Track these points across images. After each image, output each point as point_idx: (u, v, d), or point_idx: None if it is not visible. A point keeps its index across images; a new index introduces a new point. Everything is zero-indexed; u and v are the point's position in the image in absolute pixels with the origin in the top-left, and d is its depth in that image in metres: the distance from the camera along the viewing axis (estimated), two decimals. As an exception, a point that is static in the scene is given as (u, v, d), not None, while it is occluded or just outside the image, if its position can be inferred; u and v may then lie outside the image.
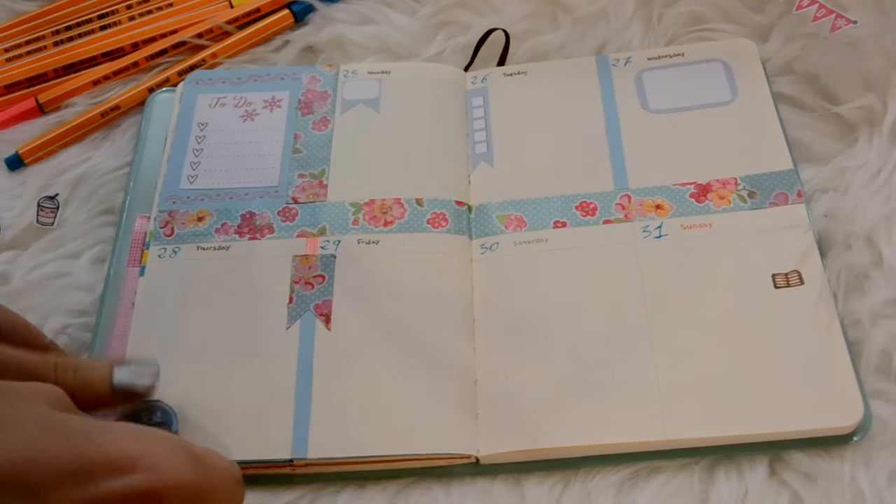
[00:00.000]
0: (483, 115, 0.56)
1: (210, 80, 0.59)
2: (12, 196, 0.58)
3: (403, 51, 0.62)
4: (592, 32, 0.60)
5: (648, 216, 0.50)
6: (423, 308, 0.48)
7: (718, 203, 0.50)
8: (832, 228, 0.50)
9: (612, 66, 0.57)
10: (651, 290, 0.48)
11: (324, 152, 0.55)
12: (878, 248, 0.49)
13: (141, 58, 0.63)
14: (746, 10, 0.60)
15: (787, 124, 0.54)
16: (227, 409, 0.46)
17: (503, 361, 0.47)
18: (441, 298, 0.49)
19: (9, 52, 0.64)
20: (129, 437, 0.34)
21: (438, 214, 0.52)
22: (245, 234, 0.52)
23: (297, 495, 0.46)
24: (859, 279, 0.49)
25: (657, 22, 0.60)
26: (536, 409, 0.45)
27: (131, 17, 0.65)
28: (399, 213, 0.52)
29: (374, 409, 0.46)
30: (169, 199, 0.54)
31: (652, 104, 0.55)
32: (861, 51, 0.56)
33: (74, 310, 0.53)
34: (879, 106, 0.54)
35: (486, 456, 0.45)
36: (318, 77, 0.58)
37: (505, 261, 0.50)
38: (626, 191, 0.52)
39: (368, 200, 0.52)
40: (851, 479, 0.43)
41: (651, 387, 0.45)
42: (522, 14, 0.61)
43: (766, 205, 0.50)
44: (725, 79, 0.55)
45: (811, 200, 0.51)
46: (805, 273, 0.47)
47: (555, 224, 0.51)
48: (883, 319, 0.47)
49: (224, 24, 0.64)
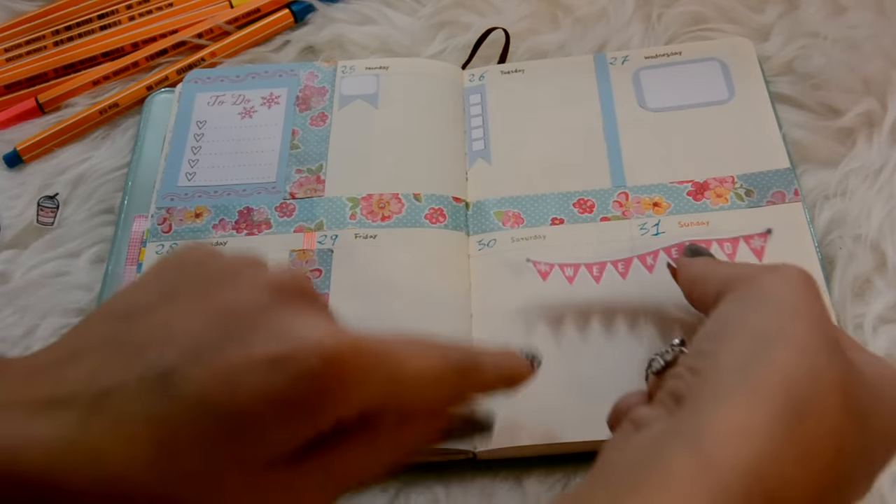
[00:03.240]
0: (480, 112, 0.56)
1: (209, 79, 0.59)
2: (12, 196, 0.58)
3: (403, 51, 0.62)
4: (592, 32, 0.60)
5: (646, 213, 0.50)
6: (421, 303, 0.48)
7: (716, 201, 0.50)
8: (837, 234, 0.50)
9: (610, 64, 0.57)
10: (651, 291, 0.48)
11: (321, 148, 0.55)
12: (883, 251, 0.49)
13: (141, 58, 0.63)
14: (746, 10, 0.60)
15: (787, 124, 0.54)
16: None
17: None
18: (438, 294, 0.49)
19: (9, 52, 0.64)
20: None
21: (436, 210, 0.52)
22: (243, 229, 0.52)
23: (296, 495, 0.46)
24: (862, 284, 0.49)
25: (657, 21, 0.60)
26: (534, 405, 0.45)
27: (131, 17, 0.65)
28: (397, 208, 0.52)
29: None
30: (167, 196, 0.54)
31: (649, 102, 0.55)
32: (861, 51, 0.56)
33: (73, 309, 0.53)
34: (879, 106, 0.54)
35: (483, 451, 0.44)
36: (316, 73, 0.58)
37: (502, 257, 0.50)
38: (623, 188, 0.52)
39: (366, 195, 0.52)
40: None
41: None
42: (522, 14, 0.62)
43: (763, 203, 0.50)
44: (723, 78, 0.55)
45: (815, 207, 0.51)
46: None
47: (552, 221, 0.51)
48: (886, 325, 0.47)
49: (224, 24, 0.64)
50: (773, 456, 0.29)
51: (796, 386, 0.30)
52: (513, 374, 0.38)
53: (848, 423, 0.31)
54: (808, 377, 0.30)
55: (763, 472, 0.29)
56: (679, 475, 0.28)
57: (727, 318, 0.34)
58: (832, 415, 0.30)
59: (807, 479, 0.29)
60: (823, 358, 0.31)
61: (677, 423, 0.31)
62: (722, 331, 0.33)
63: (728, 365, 0.31)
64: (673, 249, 0.48)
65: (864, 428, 0.32)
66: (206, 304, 0.32)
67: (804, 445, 0.29)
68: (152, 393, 0.30)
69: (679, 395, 0.32)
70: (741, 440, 0.29)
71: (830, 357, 0.31)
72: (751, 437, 0.29)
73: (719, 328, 0.34)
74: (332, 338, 0.31)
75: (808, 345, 0.31)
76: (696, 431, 0.30)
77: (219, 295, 0.32)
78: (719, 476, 0.28)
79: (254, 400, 0.29)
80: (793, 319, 0.32)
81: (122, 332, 0.32)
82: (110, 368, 0.31)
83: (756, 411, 0.29)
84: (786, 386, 0.30)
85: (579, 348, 0.46)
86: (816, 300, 0.34)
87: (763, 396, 0.30)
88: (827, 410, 0.30)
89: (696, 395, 0.31)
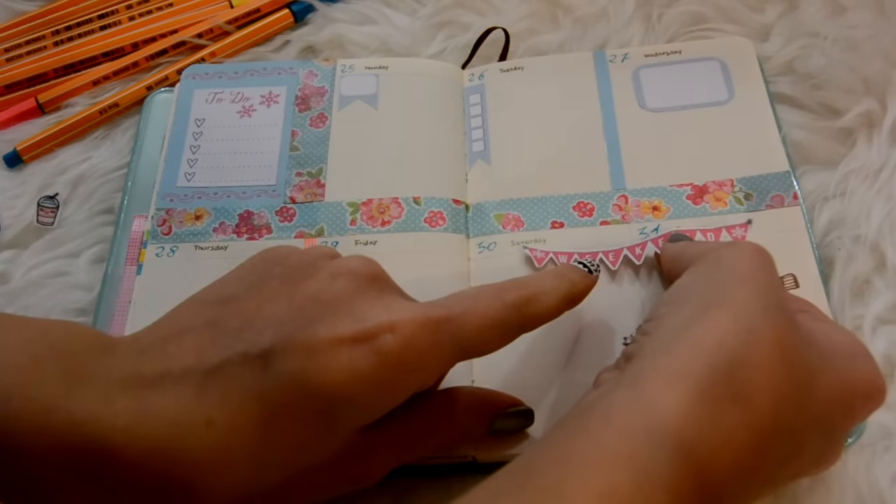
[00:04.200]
0: (480, 112, 0.56)
1: (207, 75, 0.59)
2: (12, 196, 0.58)
3: (403, 51, 0.62)
4: (592, 32, 0.60)
5: (645, 218, 0.50)
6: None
7: (715, 205, 0.50)
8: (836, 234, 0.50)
9: (610, 62, 0.57)
10: (649, 293, 0.48)
11: (321, 150, 0.55)
12: (882, 251, 0.49)
13: (141, 58, 0.63)
14: (746, 9, 0.60)
15: (787, 125, 0.54)
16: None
17: (500, 361, 0.47)
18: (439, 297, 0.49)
19: (9, 52, 0.64)
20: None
21: (436, 213, 0.52)
22: (243, 233, 0.52)
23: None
24: (861, 285, 0.49)
25: (657, 21, 0.60)
26: (534, 409, 0.45)
27: (131, 17, 0.65)
28: (396, 213, 0.52)
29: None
30: (166, 196, 0.54)
31: (649, 102, 0.55)
32: (861, 51, 0.56)
33: (73, 308, 0.53)
34: (879, 106, 0.54)
35: (482, 455, 0.44)
36: (316, 72, 0.58)
37: (502, 261, 0.50)
38: (623, 191, 0.52)
39: (366, 200, 0.52)
40: (853, 484, 0.43)
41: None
42: (522, 14, 0.61)
43: (762, 207, 0.50)
44: (722, 78, 0.55)
45: (814, 209, 0.51)
46: (800, 276, 0.47)
47: (552, 224, 0.51)
48: (885, 326, 0.47)
49: (224, 24, 0.64)
50: (706, 398, 0.31)
51: (730, 342, 0.33)
52: (573, 290, 0.41)
53: (788, 379, 0.33)
54: (743, 335, 0.33)
55: (697, 412, 0.31)
56: (617, 416, 0.31)
57: (681, 286, 0.37)
58: (767, 368, 0.33)
59: (741, 420, 0.32)
60: (760, 319, 0.33)
61: (622, 375, 0.34)
62: (674, 298, 0.37)
63: (671, 324, 0.34)
64: (660, 240, 0.48)
65: (809, 385, 0.34)
66: (292, 292, 0.36)
67: (737, 391, 0.32)
68: (255, 370, 0.34)
69: (630, 355, 0.36)
70: (677, 384, 0.32)
71: (768, 319, 0.34)
72: (684, 382, 0.32)
73: (673, 296, 0.37)
74: (404, 315, 0.35)
75: (747, 307, 0.34)
76: (636, 378, 0.33)
77: (303, 285, 0.36)
78: (656, 413, 0.31)
79: (342, 377, 0.33)
80: (736, 285, 0.35)
81: (219, 316, 0.36)
82: (215, 347, 0.35)
83: (691, 361, 0.32)
84: (720, 341, 0.33)
85: (579, 354, 0.46)
86: (764, 268, 0.37)
87: (698, 349, 0.33)
88: (762, 364, 0.33)
89: (642, 352, 0.34)
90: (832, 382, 0.35)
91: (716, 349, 0.32)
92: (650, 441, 0.30)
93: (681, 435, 0.31)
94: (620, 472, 0.30)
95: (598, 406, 0.32)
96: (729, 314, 0.34)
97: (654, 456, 0.30)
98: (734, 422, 0.32)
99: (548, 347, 0.47)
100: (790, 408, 0.33)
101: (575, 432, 0.32)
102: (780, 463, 0.34)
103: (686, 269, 0.39)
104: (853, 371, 0.36)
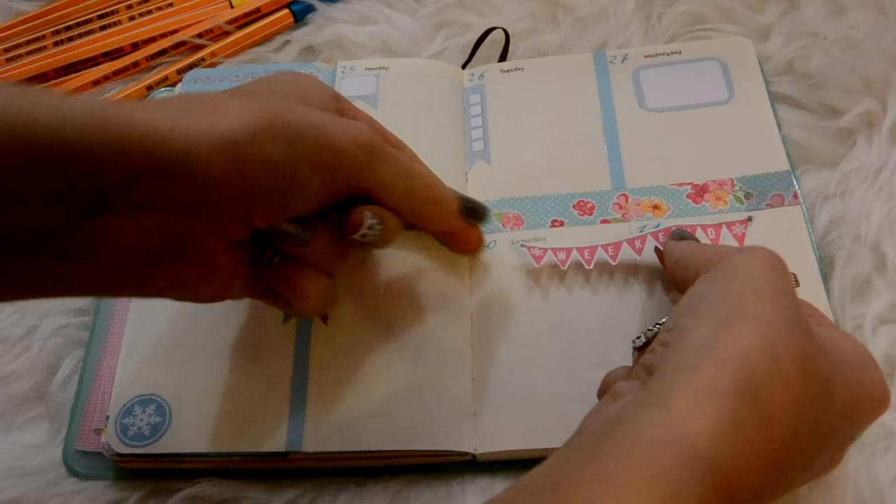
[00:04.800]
0: (480, 112, 0.56)
1: (208, 79, 0.59)
2: (12, 195, 0.58)
3: (404, 50, 0.62)
4: (592, 32, 0.60)
5: (645, 216, 0.50)
6: (421, 305, 0.48)
7: (715, 204, 0.50)
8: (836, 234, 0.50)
9: (610, 62, 0.57)
10: (649, 291, 0.48)
11: (322, 151, 0.55)
12: (882, 251, 0.49)
13: (141, 58, 0.63)
14: (746, 10, 0.60)
15: (787, 125, 0.54)
16: (223, 402, 0.46)
17: (500, 359, 0.47)
18: (438, 296, 0.49)
19: (9, 52, 0.64)
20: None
21: (436, 212, 0.51)
22: (243, 233, 0.52)
23: (298, 493, 0.46)
24: (861, 285, 0.49)
25: (657, 21, 0.60)
26: (534, 407, 0.45)
27: (131, 17, 0.65)
28: (396, 212, 0.52)
29: (370, 405, 0.46)
30: (167, 197, 0.54)
31: (649, 102, 0.55)
32: (861, 51, 0.56)
33: (73, 308, 0.53)
34: (879, 106, 0.54)
35: (483, 454, 0.45)
36: (316, 73, 0.58)
37: (503, 259, 0.50)
38: (623, 190, 0.52)
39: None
40: (853, 484, 0.43)
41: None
42: (522, 14, 0.61)
43: (762, 206, 0.50)
44: (722, 78, 0.55)
45: (814, 209, 0.51)
46: (800, 276, 0.47)
47: (552, 223, 0.51)
48: (885, 325, 0.47)
49: (224, 24, 0.64)
50: (734, 418, 0.31)
51: (756, 357, 0.32)
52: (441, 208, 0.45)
53: (807, 393, 0.33)
54: (768, 349, 0.33)
55: (725, 433, 0.31)
56: (647, 436, 0.31)
57: (698, 295, 0.37)
58: (791, 384, 0.32)
59: (766, 439, 0.32)
60: (783, 332, 0.33)
61: (647, 390, 0.33)
62: (692, 307, 0.36)
63: (695, 338, 0.34)
64: (661, 234, 0.48)
65: (826, 399, 0.34)
66: (296, 92, 0.41)
67: (763, 410, 0.32)
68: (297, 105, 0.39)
69: (651, 367, 0.35)
70: (704, 404, 0.31)
71: (791, 332, 0.33)
72: (713, 401, 0.31)
73: (690, 305, 0.36)
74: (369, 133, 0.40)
75: (769, 320, 0.33)
76: (663, 396, 0.32)
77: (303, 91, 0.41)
78: (684, 436, 0.31)
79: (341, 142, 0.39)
80: (757, 296, 0.35)
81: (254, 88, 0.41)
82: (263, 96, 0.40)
83: (718, 379, 0.32)
84: (746, 357, 0.32)
85: (579, 352, 0.46)
86: (782, 278, 0.36)
87: (725, 365, 0.32)
88: (786, 380, 0.32)
89: (665, 366, 0.34)
90: (845, 394, 0.35)
91: (741, 365, 0.32)
92: (680, 462, 0.30)
93: (711, 456, 0.30)
94: (651, 493, 0.29)
95: (626, 425, 0.32)
96: (752, 327, 0.33)
97: (685, 477, 0.30)
98: (759, 441, 0.32)
99: (548, 345, 0.47)
100: (809, 424, 0.33)
101: (604, 452, 0.31)
102: (795, 476, 0.35)
103: (697, 275, 0.38)
104: (863, 381, 0.36)
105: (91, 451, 0.48)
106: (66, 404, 0.50)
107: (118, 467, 0.47)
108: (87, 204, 0.34)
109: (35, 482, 0.48)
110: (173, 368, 0.48)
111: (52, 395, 0.50)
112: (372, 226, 0.41)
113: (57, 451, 0.48)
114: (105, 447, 0.46)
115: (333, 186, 0.39)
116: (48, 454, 0.49)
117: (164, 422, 0.46)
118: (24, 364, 0.52)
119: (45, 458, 0.48)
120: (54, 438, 0.49)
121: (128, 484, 0.47)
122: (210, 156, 0.35)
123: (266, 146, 0.36)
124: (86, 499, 0.47)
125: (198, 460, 0.46)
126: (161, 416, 0.46)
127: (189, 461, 0.46)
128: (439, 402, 0.46)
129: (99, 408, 0.48)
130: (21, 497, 0.47)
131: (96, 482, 0.47)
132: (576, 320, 0.47)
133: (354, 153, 0.39)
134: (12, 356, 0.52)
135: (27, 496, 0.47)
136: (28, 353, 0.52)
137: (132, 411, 0.46)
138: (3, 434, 0.50)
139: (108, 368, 0.49)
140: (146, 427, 0.46)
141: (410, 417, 0.45)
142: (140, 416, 0.46)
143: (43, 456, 0.49)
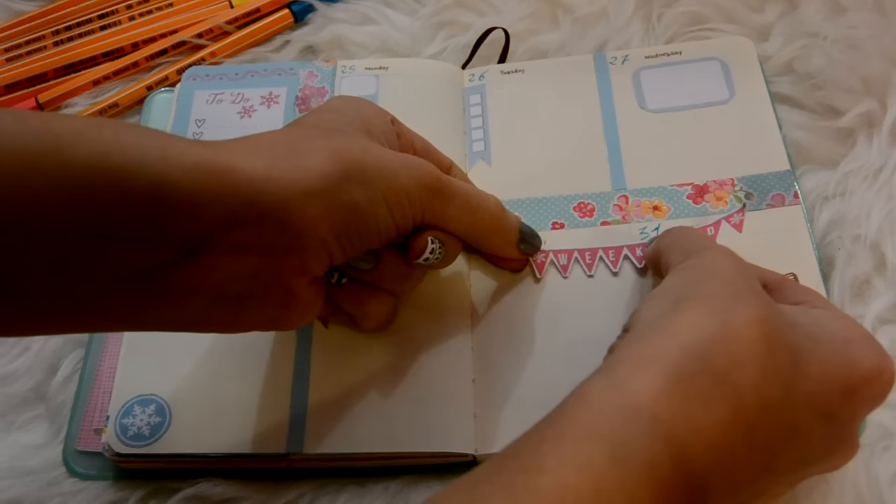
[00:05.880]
0: (480, 112, 0.56)
1: (207, 76, 0.59)
2: (12, 195, 0.58)
3: (404, 50, 0.62)
4: (592, 32, 0.60)
5: (646, 217, 0.50)
6: (421, 306, 0.48)
7: (715, 204, 0.50)
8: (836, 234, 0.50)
9: (610, 63, 0.57)
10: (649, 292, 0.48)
11: (321, 151, 0.55)
12: (882, 251, 0.49)
13: (141, 58, 0.63)
14: (746, 10, 0.60)
15: (787, 125, 0.54)
16: (223, 403, 0.46)
17: (501, 360, 0.47)
18: (439, 297, 0.49)
19: (9, 52, 0.64)
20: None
21: (436, 213, 0.51)
22: (243, 233, 0.52)
23: (298, 493, 0.46)
24: (861, 285, 0.49)
25: (657, 22, 0.60)
26: (534, 409, 0.44)
27: (131, 17, 0.65)
28: (396, 213, 0.52)
29: (370, 406, 0.46)
30: (167, 197, 0.54)
31: (650, 103, 0.55)
32: (861, 51, 0.56)
33: (73, 308, 0.53)
34: (879, 106, 0.54)
35: (483, 455, 0.44)
36: (316, 73, 0.58)
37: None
38: (623, 191, 0.52)
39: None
40: (853, 483, 0.43)
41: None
42: (522, 14, 0.61)
43: (762, 206, 0.50)
44: (723, 77, 0.55)
45: (815, 209, 0.51)
46: (800, 275, 0.47)
47: (553, 225, 0.51)
48: (885, 325, 0.47)
49: (224, 24, 0.64)
50: (679, 377, 0.33)
51: (703, 323, 0.34)
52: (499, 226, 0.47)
53: (769, 353, 0.34)
54: (717, 316, 0.35)
55: (669, 390, 0.33)
56: (592, 396, 0.33)
57: (660, 287, 0.39)
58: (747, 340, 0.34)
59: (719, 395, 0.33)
60: (733, 302, 0.35)
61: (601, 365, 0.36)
62: (652, 296, 0.39)
63: (647, 316, 0.37)
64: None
65: (795, 361, 0.35)
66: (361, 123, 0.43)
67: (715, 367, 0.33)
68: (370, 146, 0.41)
69: (611, 349, 0.38)
70: (648, 367, 0.33)
71: (742, 302, 0.35)
72: (657, 363, 0.33)
73: (651, 295, 0.39)
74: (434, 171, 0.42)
75: (717, 296, 0.36)
76: (611, 363, 0.35)
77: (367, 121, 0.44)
78: (626, 393, 0.33)
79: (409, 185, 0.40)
80: (706, 279, 0.38)
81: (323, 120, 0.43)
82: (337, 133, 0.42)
83: (664, 345, 0.34)
84: (693, 324, 0.34)
85: (580, 354, 0.46)
86: (732, 263, 0.39)
87: (671, 334, 0.34)
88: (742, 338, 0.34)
89: (620, 344, 0.36)
90: (825, 362, 0.36)
91: (686, 332, 0.34)
92: (624, 417, 0.32)
93: (654, 410, 0.32)
94: (597, 446, 0.31)
95: (575, 391, 0.34)
96: (700, 303, 0.35)
97: (629, 430, 0.32)
98: (711, 396, 0.33)
99: (549, 346, 0.47)
100: (776, 384, 0.34)
101: (552, 416, 0.34)
102: (773, 444, 0.34)
103: (667, 272, 0.41)
104: (850, 353, 0.37)
105: (91, 451, 0.48)
106: (66, 404, 0.50)
107: (118, 467, 0.47)
108: (188, 245, 0.36)
109: (35, 482, 0.48)
110: (173, 368, 0.48)
111: (52, 395, 0.50)
112: (434, 250, 0.43)
113: (57, 451, 0.48)
114: (105, 447, 0.46)
115: (403, 223, 0.41)
116: (48, 454, 0.49)
117: (163, 422, 0.46)
118: (24, 364, 0.52)
119: (44, 458, 0.48)
120: (54, 438, 0.49)
121: (128, 484, 0.47)
122: (303, 203, 0.37)
123: (351, 191, 0.38)
124: (86, 499, 0.47)
125: (198, 461, 0.46)
126: (161, 416, 0.46)
127: (189, 461, 0.46)
128: (439, 404, 0.46)
129: (99, 408, 0.49)
130: (21, 497, 0.47)
131: (96, 482, 0.47)
132: (576, 321, 0.47)
133: (421, 195, 0.41)
134: (12, 356, 0.52)
135: (27, 496, 0.47)
136: (28, 353, 0.52)
137: (132, 411, 0.46)
138: (3, 434, 0.50)
139: (108, 368, 0.49)
140: (146, 427, 0.46)
141: (411, 419, 0.45)
142: (140, 417, 0.46)
143: (43, 456, 0.49)
